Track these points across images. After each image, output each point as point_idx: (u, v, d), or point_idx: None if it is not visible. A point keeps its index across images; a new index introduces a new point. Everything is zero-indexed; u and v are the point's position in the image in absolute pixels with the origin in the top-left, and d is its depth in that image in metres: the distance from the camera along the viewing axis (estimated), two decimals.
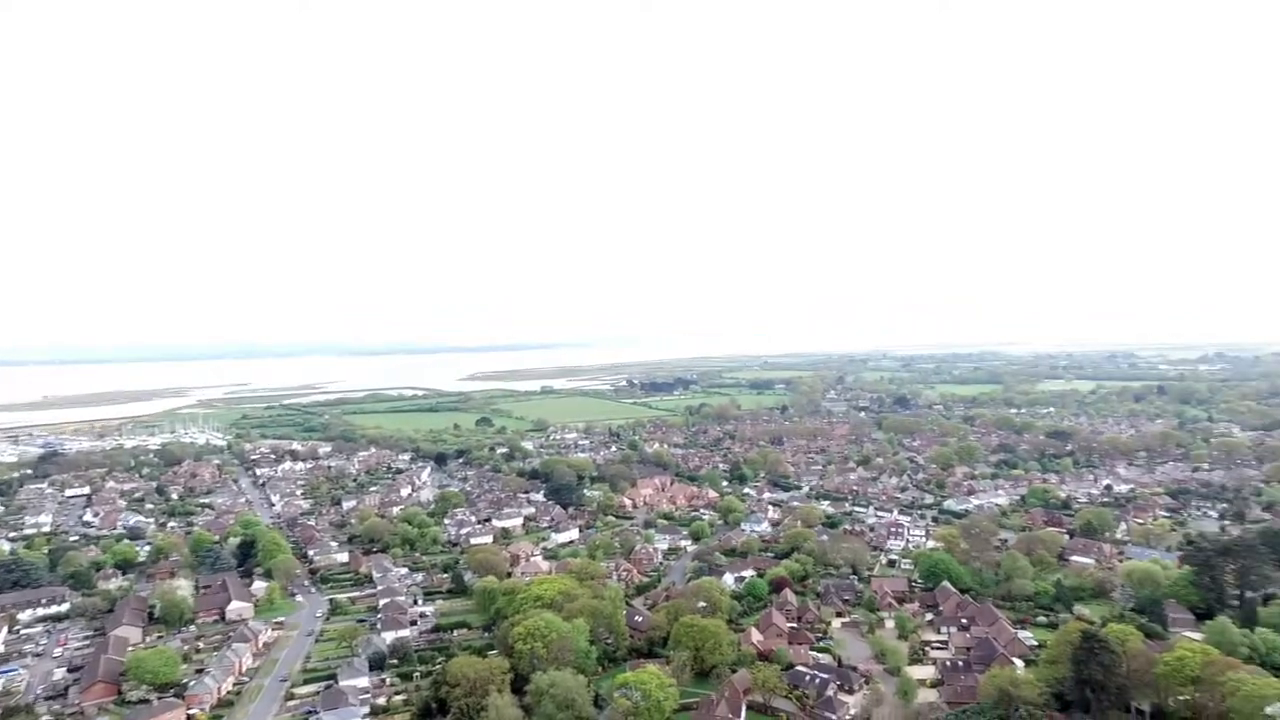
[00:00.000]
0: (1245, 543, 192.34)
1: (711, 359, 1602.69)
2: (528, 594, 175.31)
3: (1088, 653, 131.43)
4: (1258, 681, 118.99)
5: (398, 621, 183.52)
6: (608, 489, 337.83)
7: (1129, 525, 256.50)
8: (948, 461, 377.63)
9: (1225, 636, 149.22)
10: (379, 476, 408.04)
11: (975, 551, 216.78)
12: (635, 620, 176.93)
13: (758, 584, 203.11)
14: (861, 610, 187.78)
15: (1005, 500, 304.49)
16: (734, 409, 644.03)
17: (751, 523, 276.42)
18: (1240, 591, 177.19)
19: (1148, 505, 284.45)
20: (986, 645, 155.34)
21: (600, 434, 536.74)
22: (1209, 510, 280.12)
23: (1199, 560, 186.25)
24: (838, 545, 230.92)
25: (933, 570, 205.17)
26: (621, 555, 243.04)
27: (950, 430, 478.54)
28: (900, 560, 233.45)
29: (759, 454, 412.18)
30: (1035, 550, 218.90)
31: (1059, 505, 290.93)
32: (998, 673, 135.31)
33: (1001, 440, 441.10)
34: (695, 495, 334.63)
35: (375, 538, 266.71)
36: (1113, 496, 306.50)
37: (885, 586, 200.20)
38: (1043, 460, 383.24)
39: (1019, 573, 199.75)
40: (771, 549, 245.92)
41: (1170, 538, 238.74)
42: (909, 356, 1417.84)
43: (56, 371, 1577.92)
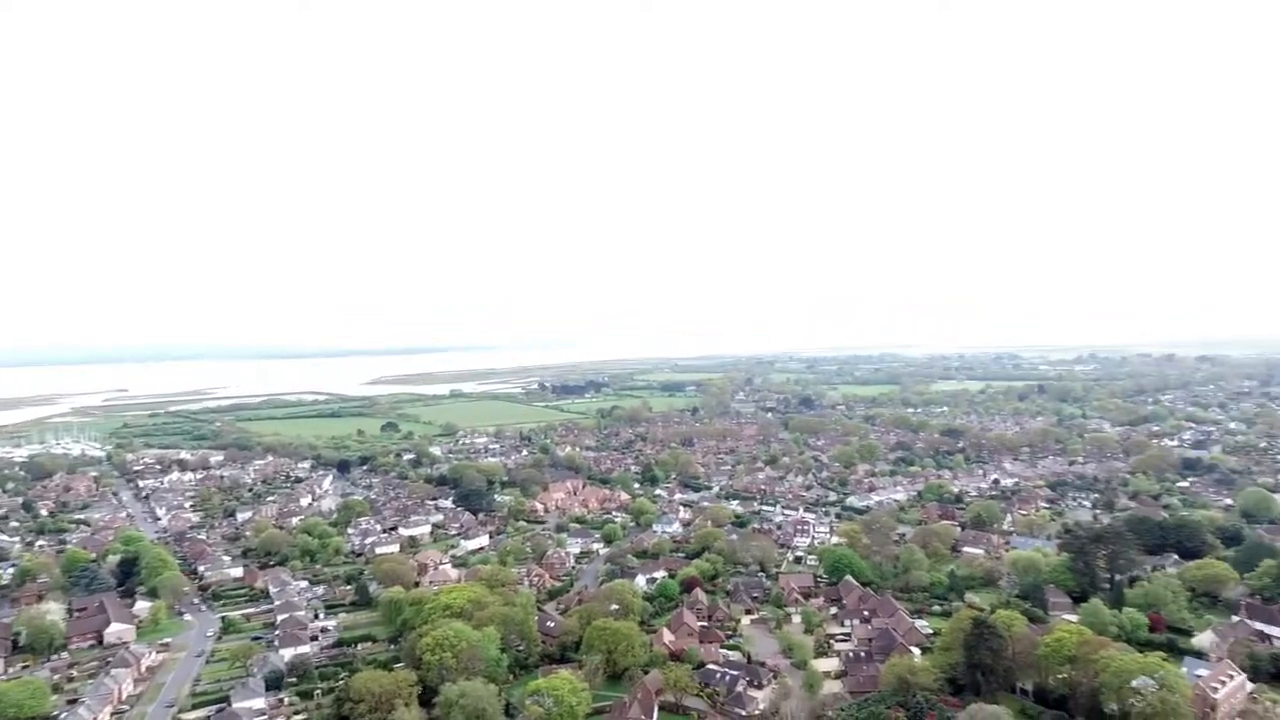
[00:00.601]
0: (1114, 530, 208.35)
1: (624, 361, 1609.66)
2: (436, 603, 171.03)
3: (978, 638, 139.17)
4: (1124, 658, 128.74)
5: (297, 637, 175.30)
6: (519, 493, 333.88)
7: (1014, 517, 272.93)
8: (850, 460, 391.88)
9: (1098, 617, 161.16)
10: (277, 486, 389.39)
11: (876, 546, 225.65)
12: (547, 626, 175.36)
13: (669, 585, 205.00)
14: (770, 607, 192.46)
15: (903, 496, 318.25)
16: (646, 411, 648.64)
17: (663, 524, 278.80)
18: (1111, 575, 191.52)
19: (1030, 497, 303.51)
20: (887, 636, 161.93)
21: (511, 438, 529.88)
22: (1083, 500, 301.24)
23: (1075, 547, 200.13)
24: (747, 544, 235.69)
25: (836, 565, 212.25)
26: (533, 560, 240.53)
27: (852, 430, 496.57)
28: (806, 557, 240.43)
29: (670, 455, 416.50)
30: (931, 543, 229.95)
31: (952, 500, 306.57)
32: (897, 661, 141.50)
33: (900, 439, 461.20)
34: (607, 498, 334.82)
35: (273, 550, 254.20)
36: (1000, 490, 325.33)
37: (792, 583, 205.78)
38: (937, 457, 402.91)
39: (916, 565, 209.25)
40: (683, 549, 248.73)
41: (1050, 527, 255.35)
42: (814, 358, 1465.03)
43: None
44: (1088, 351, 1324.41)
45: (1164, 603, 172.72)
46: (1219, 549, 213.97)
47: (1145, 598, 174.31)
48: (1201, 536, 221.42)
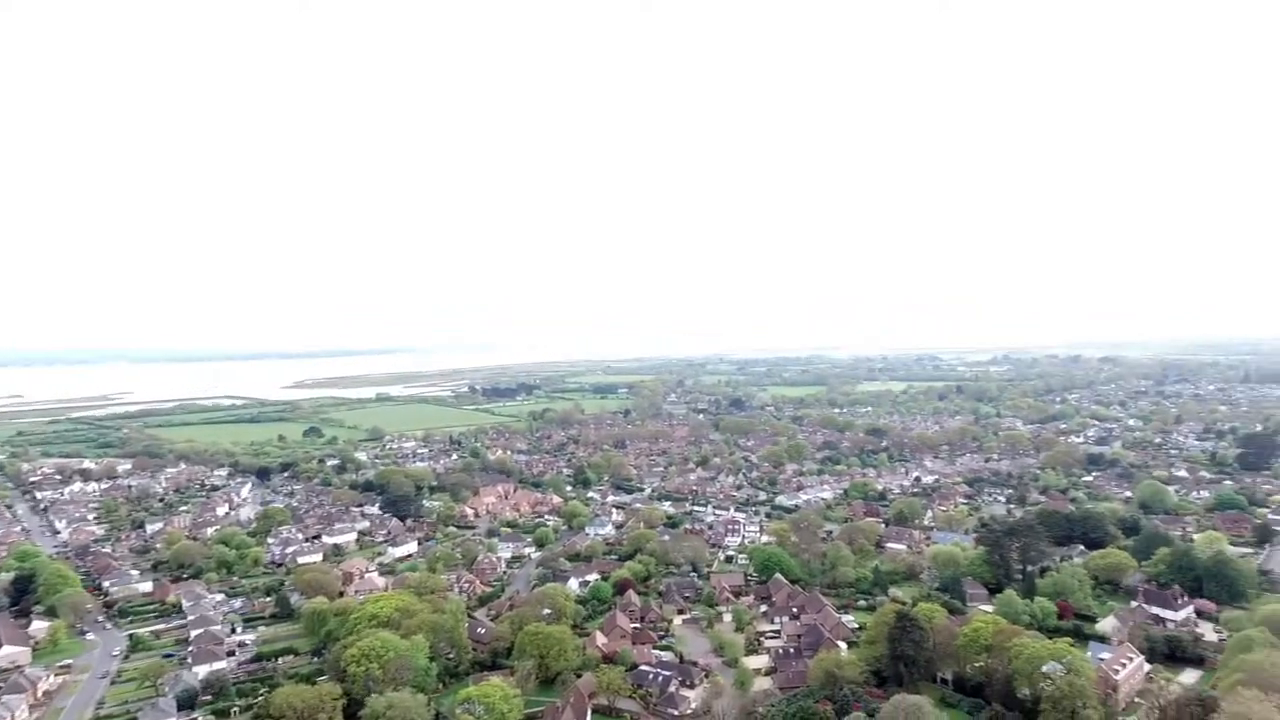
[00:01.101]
0: (1026, 523, 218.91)
1: (556, 364, 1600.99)
2: (362, 613, 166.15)
3: (901, 631, 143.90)
4: (1035, 645, 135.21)
5: (212, 653, 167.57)
6: (448, 499, 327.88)
7: (934, 512, 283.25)
8: (779, 459, 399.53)
9: (1011, 607, 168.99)
10: (191, 495, 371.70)
11: (804, 544, 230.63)
12: (478, 632, 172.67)
13: (602, 587, 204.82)
14: (702, 606, 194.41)
15: (830, 494, 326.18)
16: (578, 413, 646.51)
17: (595, 526, 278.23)
18: (1023, 566, 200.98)
19: (949, 494, 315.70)
20: (814, 631, 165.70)
21: (440, 442, 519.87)
22: (998, 496, 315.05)
23: (990, 540, 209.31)
24: (679, 544, 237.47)
25: (766, 564, 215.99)
26: (463, 566, 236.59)
27: (781, 430, 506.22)
28: (737, 556, 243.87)
29: (603, 457, 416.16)
30: (856, 540, 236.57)
31: (876, 497, 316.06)
32: (824, 656, 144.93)
33: (826, 438, 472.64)
34: (539, 501, 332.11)
35: (186, 563, 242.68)
36: (921, 487, 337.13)
37: (723, 582, 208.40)
38: (862, 456, 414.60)
39: (842, 561, 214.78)
40: (615, 551, 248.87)
41: (968, 522, 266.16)
42: (744, 360, 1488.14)
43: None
44: (1002, 353, 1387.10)
45: (1071, 591, 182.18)
46: (1120, 539, 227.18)
47: (1054, 587, 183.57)
48: (1104, 528, 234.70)
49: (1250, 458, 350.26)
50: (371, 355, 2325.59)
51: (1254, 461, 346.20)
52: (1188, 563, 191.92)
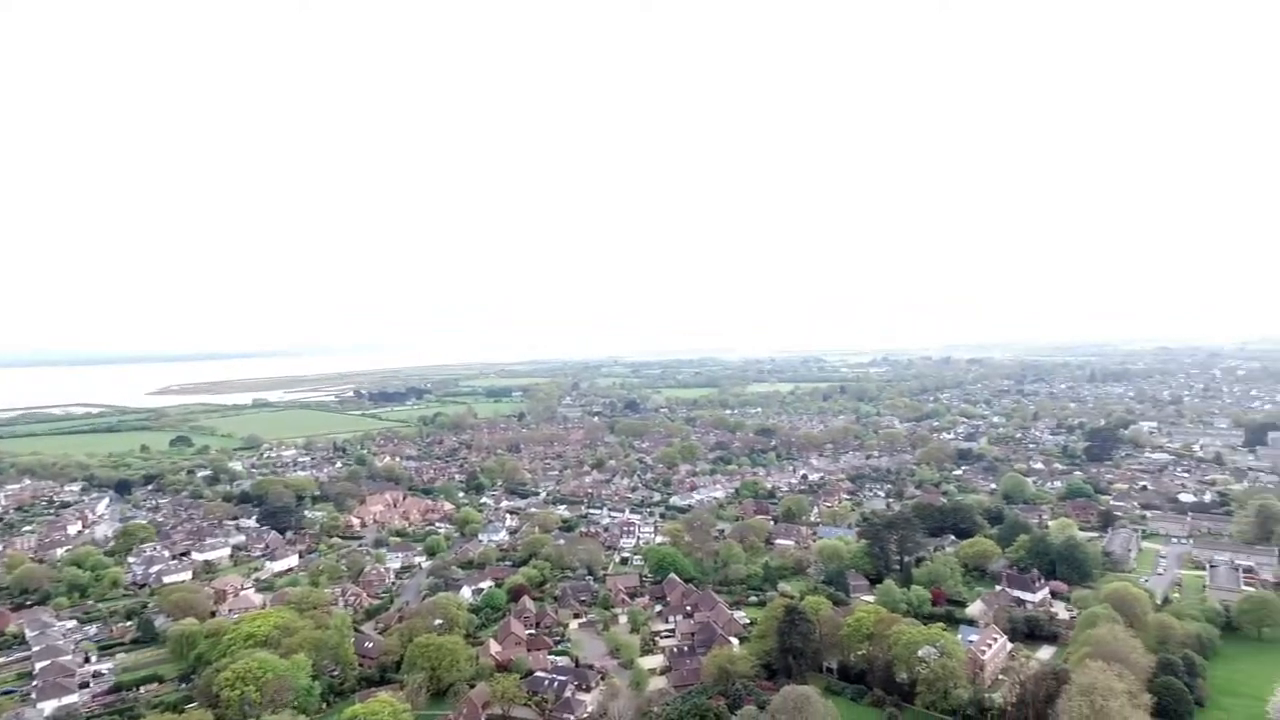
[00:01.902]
0: (904, 516, 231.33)
1: (448, 367, 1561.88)
2: (236, 633, 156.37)
3: (789, 624, 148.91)
4: (912, 631, 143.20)
5: (61, 686, 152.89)
6: (333, 509, 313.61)
7: (820, 508, 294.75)
8: (673, 460, 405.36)
9: (890, 596, 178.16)
10: (36, 513, 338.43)
11: (697, 543, 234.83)
12: (365, 647, 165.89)
13: (496, 594, 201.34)
14: (598, 609, 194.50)
15: (722, 494, 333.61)
16: (471, 418, 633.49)
17: (489, 532, 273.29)
18: (901, 557, 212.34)
19: (834, 490, 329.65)
20: (708, 629, 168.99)
21: (324, 449, 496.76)
22: (878, 491, 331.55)
23: (871, 534, 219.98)
24: (574, 548, 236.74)
25: (661, 564, 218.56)
26: (349, 578, 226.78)
27: (675, 431, 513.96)
28: (632, 557, 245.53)
29: (496, 462, 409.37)
30: (747, 537, 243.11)
31: (766, 495, 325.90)
32: (717, 653, 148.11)
33: (719, 439, 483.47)
34: (430, 509, 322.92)
35: (30, 588, 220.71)
36: (808, 484, 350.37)
37: (619, 584, 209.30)
38: (752, 455, 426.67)
39: (734, 559, 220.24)
40: (510, 557, 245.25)
41: (851, 517, 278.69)
42: (638, 363, 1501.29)
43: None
44: (881, 355, 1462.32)
45: (944, 579, 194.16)
46: (986, 528, 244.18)
47: (929, 575, 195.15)
48: (972, 518, 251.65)
49: (1095, 450, 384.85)
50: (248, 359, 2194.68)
51: (1098, 453, 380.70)
52: (1044, 548, 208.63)
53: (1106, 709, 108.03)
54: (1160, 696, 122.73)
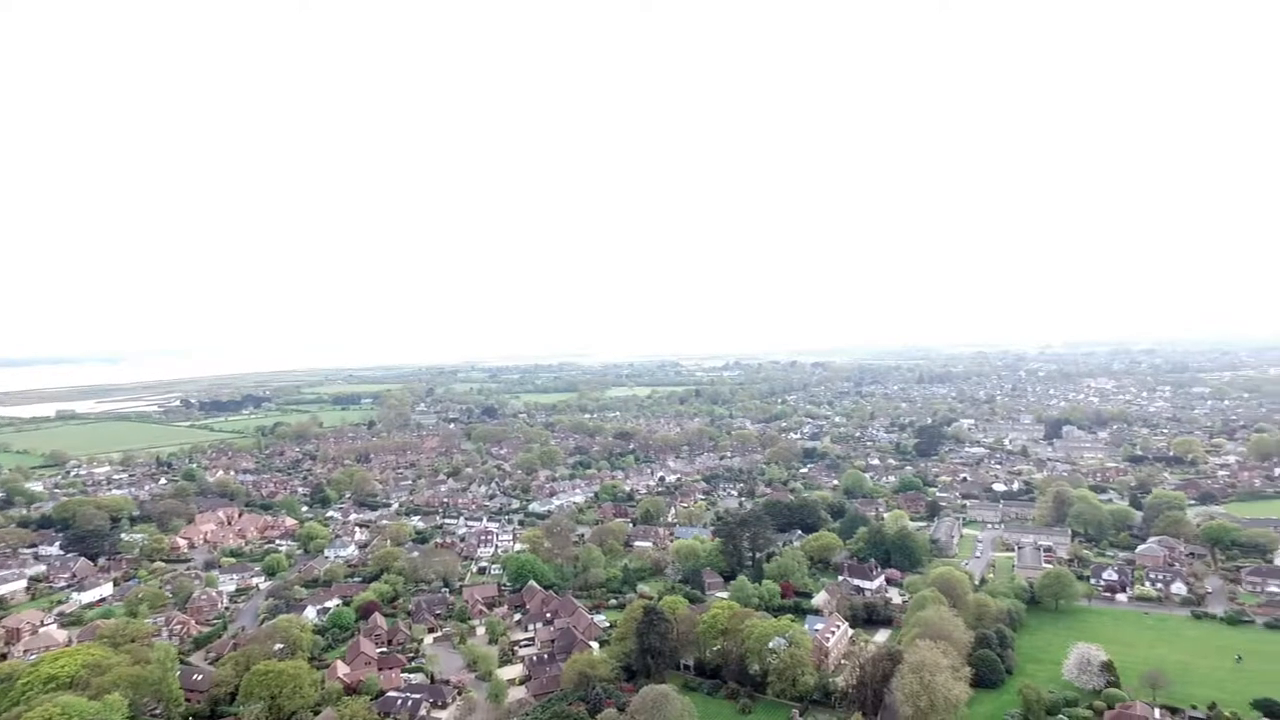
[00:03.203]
0: (755, 514, 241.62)
1: (290, 373, 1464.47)
2: (34, 676, 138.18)
3: (648, 625, 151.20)
4: (763, 624, 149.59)
5: None
6: (155, 529, 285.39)
7: (677, 509, 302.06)
8: (532, 466, 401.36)
9: (743, 591, 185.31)
10: None
11: (557, 549, 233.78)
12: (194, 680, 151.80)
13: (344, 613, 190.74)
14: (454, 621, 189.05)
15: (582, 498, 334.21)
16: (315, 427, 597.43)
17: (336, 548, 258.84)
18: (753, 553, 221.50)
19: (690, 491, 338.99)
20: (568, 635, 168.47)
21: (145, 465, 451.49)
22: (731, 490, 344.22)
23: (725, 532, 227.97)
24: (429, 560, 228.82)
25: (520, 572, 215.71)
26: (175, 606, 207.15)
27: (534, 436, 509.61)
28: (491, 566, 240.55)
29: (344, 473, 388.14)
30: (607, 540, 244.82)
31: (625, 498, 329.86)
32: (577, 658, 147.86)
33: (578, 443, 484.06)
34: (270, 525, 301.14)
35: None
36: (665, 486, 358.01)
37: (476, 594, 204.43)
38: (611, 459, 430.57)
39: (594, 563, 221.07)
40: (360, 573, 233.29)
41: (706, 516, 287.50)
42: (496, 368, 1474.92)
43: None
44: (733, 359, 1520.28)
45: (792, 572, 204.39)
46: (829, 522, 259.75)
47: (778, 569, 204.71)
48: (817, 513, 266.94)
49: (923, 446, 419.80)
50: (53, 365, 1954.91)
51: (926, 449, 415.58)
52: (880, 539, 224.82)
53: (933, 683, 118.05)
54: (978, 668, 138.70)
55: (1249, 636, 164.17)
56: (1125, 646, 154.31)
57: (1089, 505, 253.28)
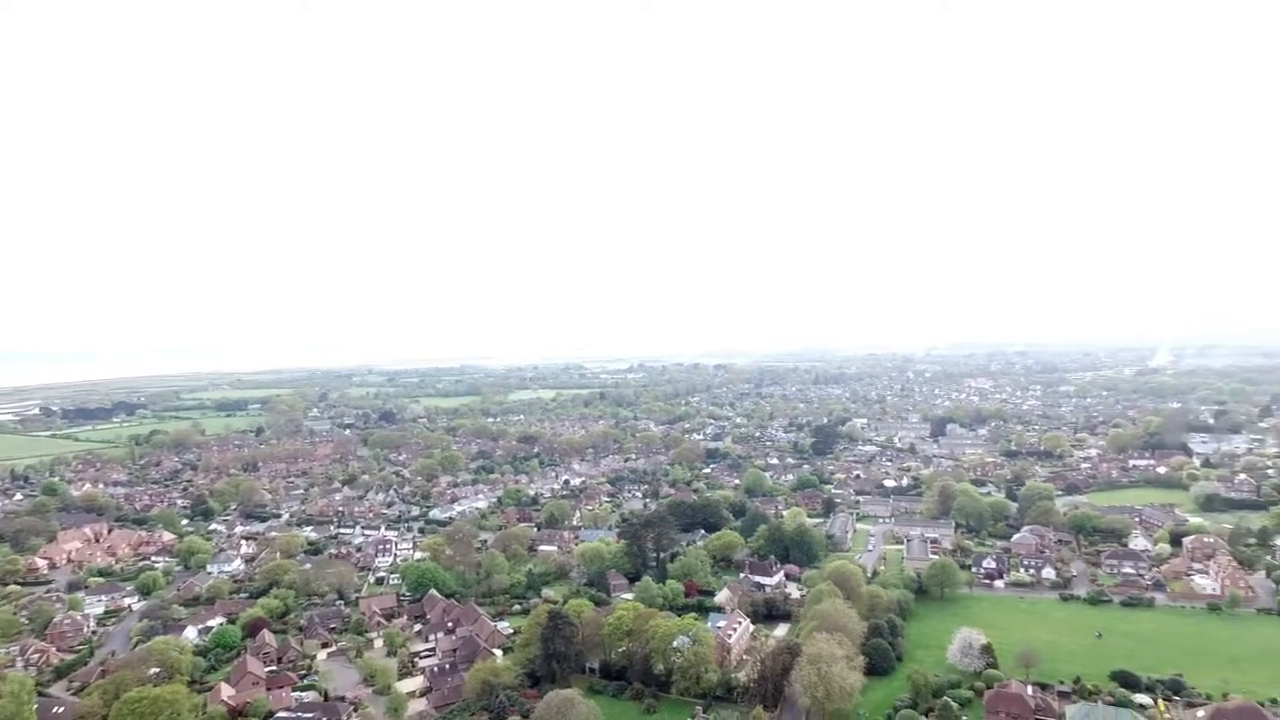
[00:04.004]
0: (659, 515, 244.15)
1: (167, 378, 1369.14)
2: None
3: (553, 630, 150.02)
4: (667, 624, 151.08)
5: None
6: (9, 550, 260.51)
7: (582, 512, 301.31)
8: (433, 472, 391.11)
9: (648, 592, 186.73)
10: None
11: (459, 556, 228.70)
12: (54, 713, 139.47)
13: (228, 631, 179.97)
14: (350, 635, 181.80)
15: (485, 503, 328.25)
16: (197, 435, 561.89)
17: (220, 563, 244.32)
18: (657, 554, 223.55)
19: (595, 493, 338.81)
20: (470, 644, 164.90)
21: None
22: (636, 492, 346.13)
23: (630, 534, 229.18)
24: (323, 572, 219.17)
25: (420, 581, 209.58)
26: (32, 633, 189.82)
27: (435, 441, 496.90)
28: (389, 576, 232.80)
29: (229, 483, 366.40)
30: (511, 546, 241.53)
31: (529, 502, 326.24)
32: (480, 666, 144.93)
33: (480, 447, 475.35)
34: (144, 541, 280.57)
35: None
36: (570, 489, 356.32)
37: (374, 605, 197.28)
38: (515, 463, 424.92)
39: (497, 569, 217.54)
40: (246, 588, 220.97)
41: (611, 518, 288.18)
42: (395, 371, 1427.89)
43: None
44: (638, 361, 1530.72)
45: (695, 571, 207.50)
46: (731, 521, 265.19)
47: (682, 569, 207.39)
48: (720, 513, 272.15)
49: (820, 444, 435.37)
50: None
51: (822, 447, 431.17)
52: (779, 536, 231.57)
53: (830, 674, 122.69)
54: (871, 657, 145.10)
55: (1108, 614, 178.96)
56: (1003, 629, 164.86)
57: (970, 498, 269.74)
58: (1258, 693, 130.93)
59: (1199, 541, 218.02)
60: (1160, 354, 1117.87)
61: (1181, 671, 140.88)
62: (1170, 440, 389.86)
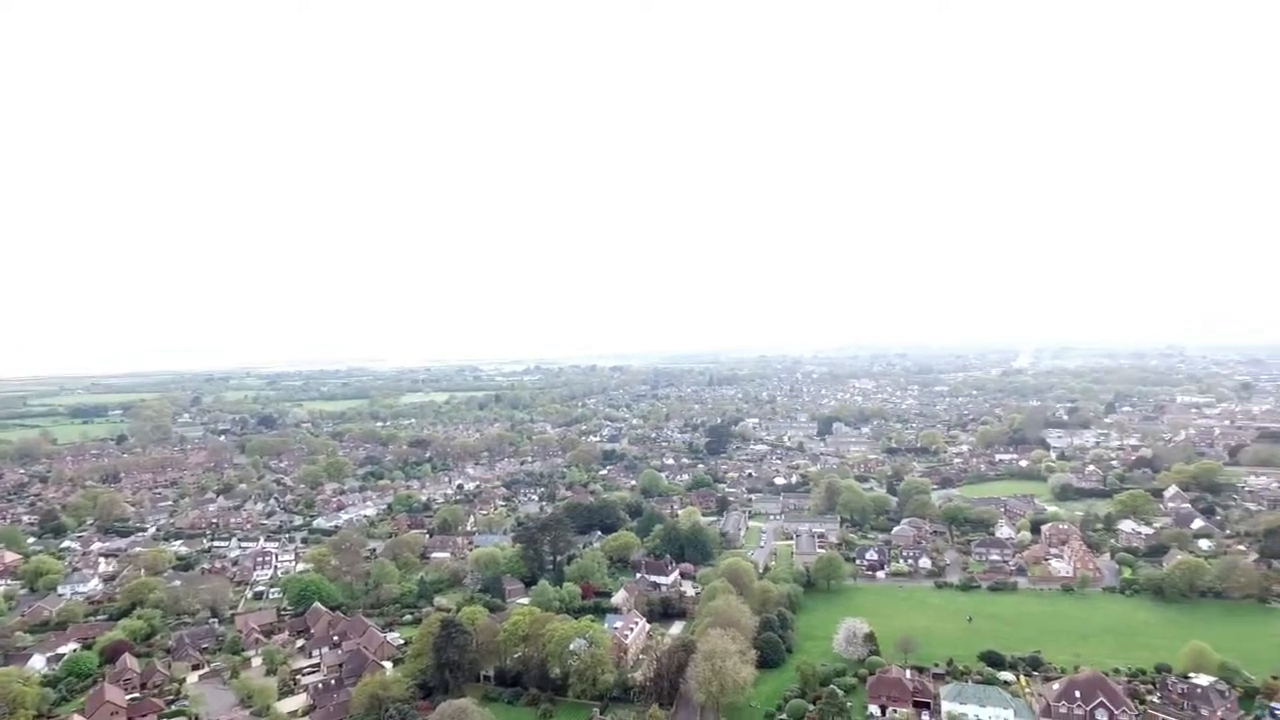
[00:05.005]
0: (556, 518, 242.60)
1: (9, 383, 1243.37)
2: None
3: (446, 638, 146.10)
4: (564, 627, 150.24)
5: None
6: None
7: (476, 517, 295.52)
8: (317, 479, 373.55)
9: (544, 596, 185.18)
10: None
11: (346, 566, 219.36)
12: None
13: (83, 658, 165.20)
14: (224, 655, 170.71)
15: (374, 510, 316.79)
16: (47, 444, 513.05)
17: (74, 583, 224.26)
18: (554, 557, 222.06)
19: (490, 497, 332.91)
20: (358, 657, 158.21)
21: None
22: (532, 495, 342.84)
23: (526, 537, 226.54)
24: (194, 588, 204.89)
25: (303, 593, 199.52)
26: None
27: (320, 447, 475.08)
28: (269, 590, 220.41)
29: (85, 496, 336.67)
30: (401, 554, 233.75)
31: (421, 508, 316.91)
32: (369, 680, 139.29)
33: (369, 453, 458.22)
34: None
35: None
36: (464, 494, 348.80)
37: (251, 622, 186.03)
38: (406, 468, 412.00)
39: (387, 578, 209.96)
40: (106, 610, 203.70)
41: (507, 522, 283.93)
42: (276, 374, 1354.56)
43: None
44: (534, 363, 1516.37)
45: (592, 573, 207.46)
46: (628, 521, 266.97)
47: (579, 571, 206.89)
48: (616, 514, 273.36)
49: (714, 444, 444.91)
50: None
51: (716, 447, 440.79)
52: (675, 535, 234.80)
53: (723, 668, 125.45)
54: (763, 650, 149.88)
55: (978, 599, 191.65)
56: (884, 618, 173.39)
57: (854, 494, 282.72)
58: (1104, 663, 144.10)
59: (1055, 529, 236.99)
60: (1023, 356, 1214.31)
61: (1040, 649, 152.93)
62: (1031, 435, 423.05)
